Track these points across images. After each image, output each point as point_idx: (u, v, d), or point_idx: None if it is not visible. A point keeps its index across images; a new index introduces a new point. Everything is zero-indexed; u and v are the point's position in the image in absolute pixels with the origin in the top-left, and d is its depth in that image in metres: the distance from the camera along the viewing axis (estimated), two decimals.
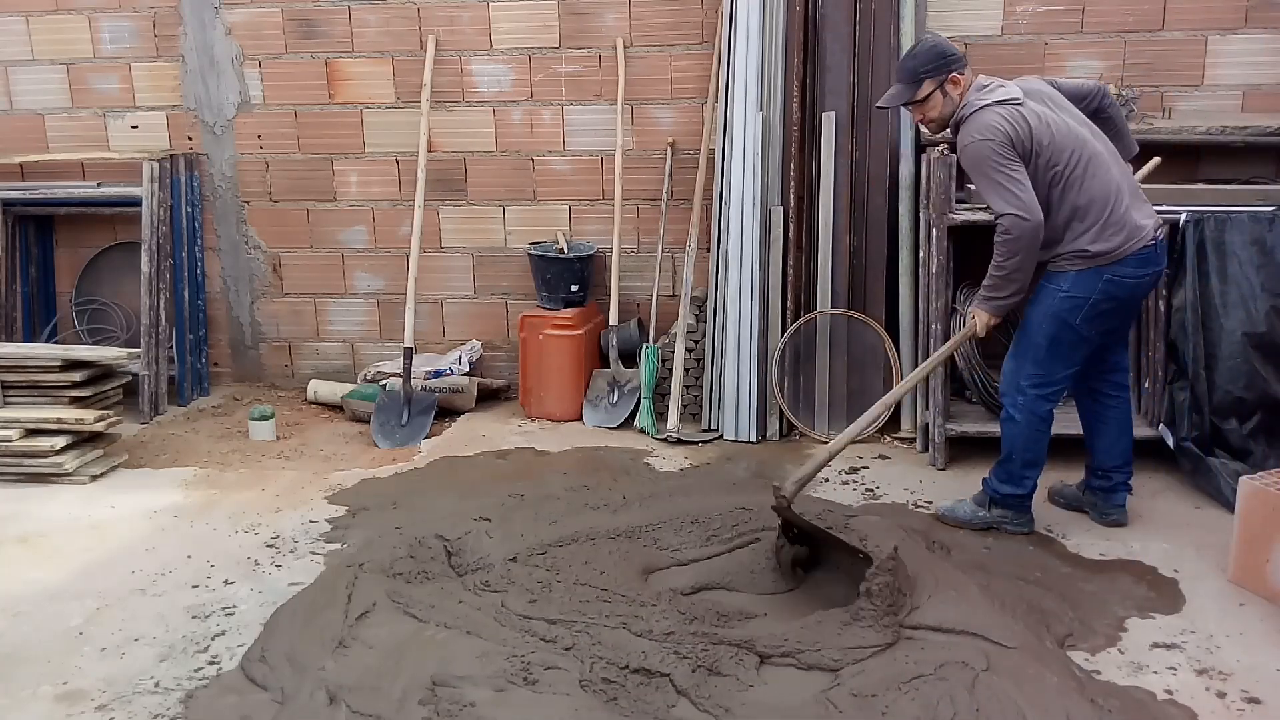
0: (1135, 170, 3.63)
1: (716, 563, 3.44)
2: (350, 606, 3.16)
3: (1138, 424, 4.22)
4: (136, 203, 5.13)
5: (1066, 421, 4.29)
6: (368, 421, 4.90)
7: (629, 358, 5.01)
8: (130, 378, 4.85)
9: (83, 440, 4.40)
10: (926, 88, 3.44)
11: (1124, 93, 4.36)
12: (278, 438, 4.83)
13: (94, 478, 4.36)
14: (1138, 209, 3.39)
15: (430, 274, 5.30)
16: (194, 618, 3.24)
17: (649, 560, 3.44)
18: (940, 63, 3.42)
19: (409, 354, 4.96)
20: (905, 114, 4.56)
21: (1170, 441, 4.06)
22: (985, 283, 3.43)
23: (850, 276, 4.67)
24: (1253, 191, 4.14)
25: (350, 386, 5.22)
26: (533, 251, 5.05)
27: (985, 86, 3.41)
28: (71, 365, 4.41)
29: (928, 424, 4.34)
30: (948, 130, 3.53)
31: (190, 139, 5.40)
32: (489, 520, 3.74)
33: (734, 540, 3.55)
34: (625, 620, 3.01)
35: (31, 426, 4.31)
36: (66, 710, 2.78)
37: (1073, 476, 4.12)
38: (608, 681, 2.73)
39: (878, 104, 3.82)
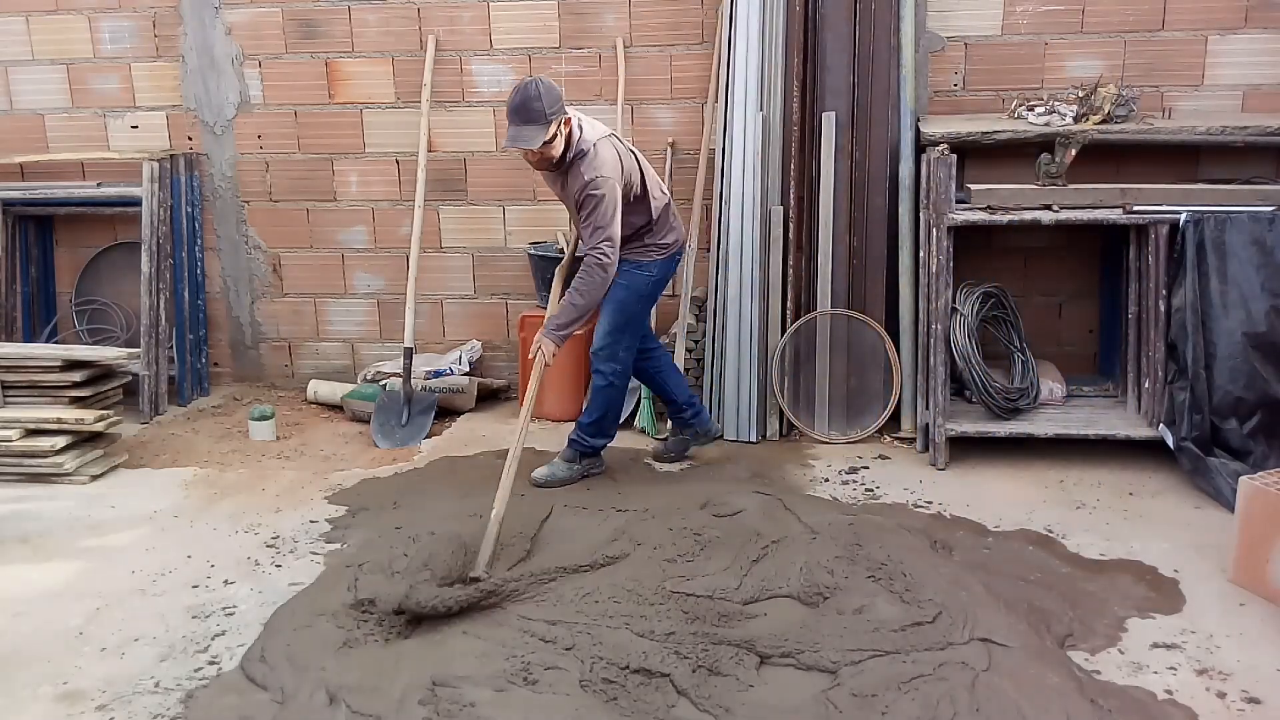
0: None
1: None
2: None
3: (1138, 424, 4.24)
4: (136, 203, 5.13)
5: (1067, 421, 4.31)
6: (368, 421, 4.90)
7: None
8: (130, 378, 4.85)
9: (83, 440, 4.40)
10: (553, 128, 3.69)
11: (1124, 93, 4.36)
12: (278, 438, 4.83)
13: (94, 478, 4.37)
14: (676, 215, 4.18)
15: (430, 274, 5.30)
16: (194, 618, 3.24)
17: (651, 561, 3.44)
18: (560, 103, 3.70)
19: (409, 354, 4.96)
20: (906, 114, 4.57)
21: (1170, 441, 4.06)
22: (560, 318, 3.85)
23: (850, 276, 4.66)
24: (1253, 191, 4.13)
25: (350, 386, 5.22)
26: (533, 251, 5.05)
27: (583, 121, 3.82)
28: (71, 365, 4.41)
29: (928, 424, 4.34)
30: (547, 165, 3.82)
31: (190, 139, 5.40)
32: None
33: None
34: (627, 620, 3.01)
35: (31, 426, 4.31)
36: (66, 710, 2.78)
37: (1073, 476, 4.13)
38: (608, 681, 2.73)
39: (504, 145, 3.78)
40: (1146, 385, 4.21)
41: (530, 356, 3.87)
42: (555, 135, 3.71)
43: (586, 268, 3.82)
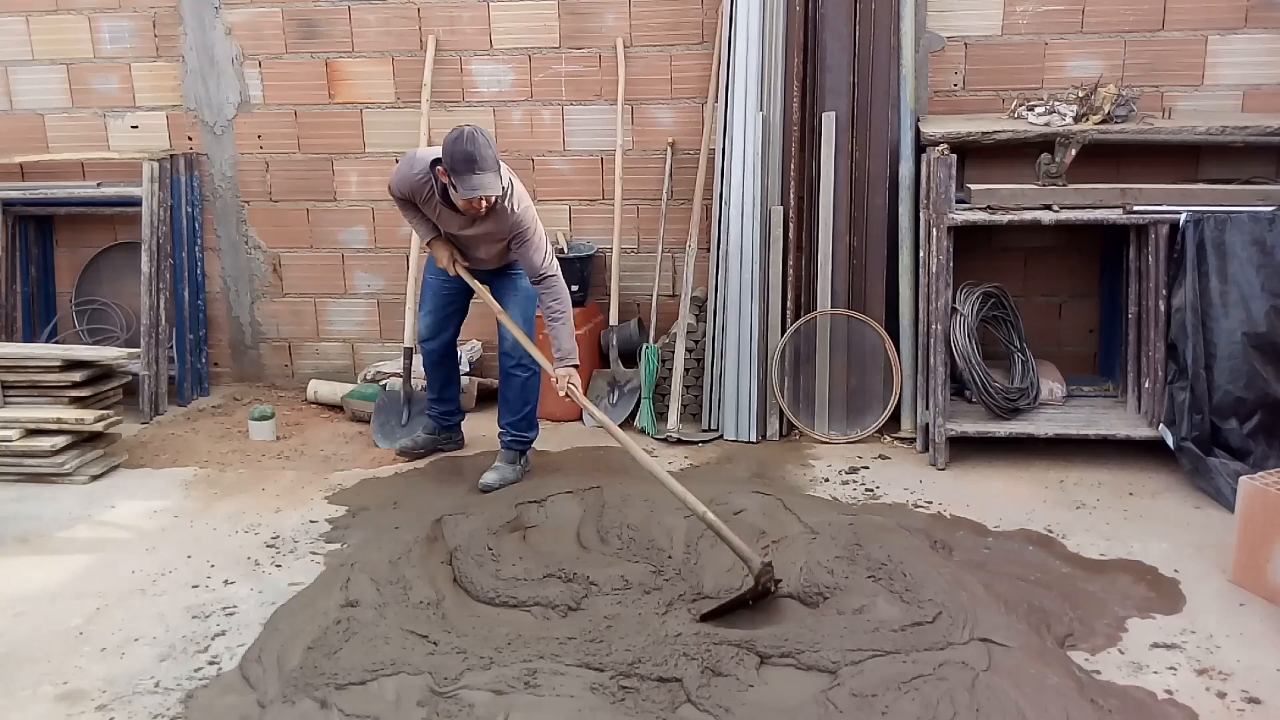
0: None
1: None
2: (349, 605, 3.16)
3: (1138, 424, 4.24)
4: (136, 203, 5.13)
5: (1067, 421, 4.31)
6: (368, 421, 4.90)
7: (629, 358, 5.01)
8: (130, 378, 4.85)
9: (83, 440, 4.40)
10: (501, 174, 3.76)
11: (1124, 93, 4.36)
12: (278, 438, 4.83)
13: (94, 478, 4.37)
14: None
15: None
16: (194, 618, 3.24)
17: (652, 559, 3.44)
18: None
19: (409, 354, 4.96)
20: (906, 114, 4.57)
21: (1170, 441, 4.06)
22: (564, 346, 3.92)
23: (850, 276, 4.66)
24: (1253, 191, 4.13)
25: (350, 386, 5.22)
26: None
27: None
28: (71, 365, 4.41)
29: (928, 424, 4.34)
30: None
31: (190, 139, 5.40)
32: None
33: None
34: (634, 621, 3.02)
35: (31, 426, 4.31)
36: (66, 710, 2.78)
37: (1073, 476, 4.13)
38: (617, 684, 2.73)
39: (465, 196, 3.67)
40: (1146, 385, 4.21)
41: (563, 395, 3.89)
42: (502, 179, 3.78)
43: (550, 289, 3.94)
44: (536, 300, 4.10)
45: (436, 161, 3.77)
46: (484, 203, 3.74)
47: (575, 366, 3.95)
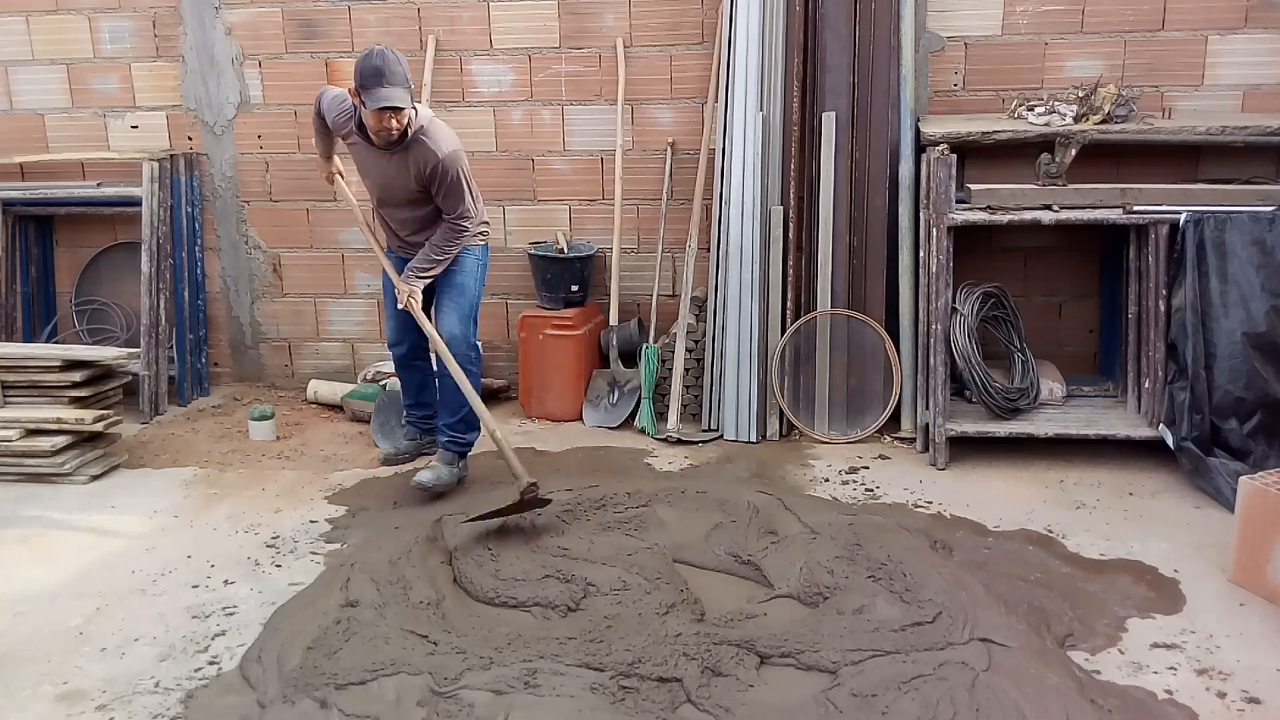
0: None
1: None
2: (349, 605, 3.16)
3: (1138, 424, 4.24)
4: (136, 203, 5.13)
5: (1067, 421, 4.31)
6: (368, 421, 4.90)
7: (629, 358, 5.01)
8: (130, 378, 4.85)
9: (82, 440, 4.40)
10: (410, 97, 3.70)
11: (1124, 93, 4.36)
12: (278, 438, 4.83)
13: (94, 478, 4.36)
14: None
15: None
16: (194, 618, 3.24)
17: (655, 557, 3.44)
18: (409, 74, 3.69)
19: None
20: (906, 114, 4.57)
21: (1170, 441, 4.06)
22: (422, 264, 3.95)
23: (850, 276, 4.66)
24: (1253, 191, 4.13)
25: (350, 386, 5.22)
26: (533, 251, 5.05)
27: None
28: (71, 365, 4.41)
29: (928, 424, 4.34)
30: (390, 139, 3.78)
31: (190, 139, 5.40)
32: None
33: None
34: (635, 621, 3.01)
35: (31, 426, 4.31)
36: (66, 710, 2.78)
37: (1073, 476, 4.13)
38: (617, 684, 2.73)
39: (370, 106, 3.62)
40: (1146, 385, 4.21)
41: (401, 306, 3.96)
42: (412, 105, 3.72)
43: (449, 229, 3.94)
44: (473, 299, 4.08)
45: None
46: (392, 119, 3.66)
47: (419, 286, 3.92)
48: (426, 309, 4.09)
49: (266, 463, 4.54)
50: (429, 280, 3.99)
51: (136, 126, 5.42)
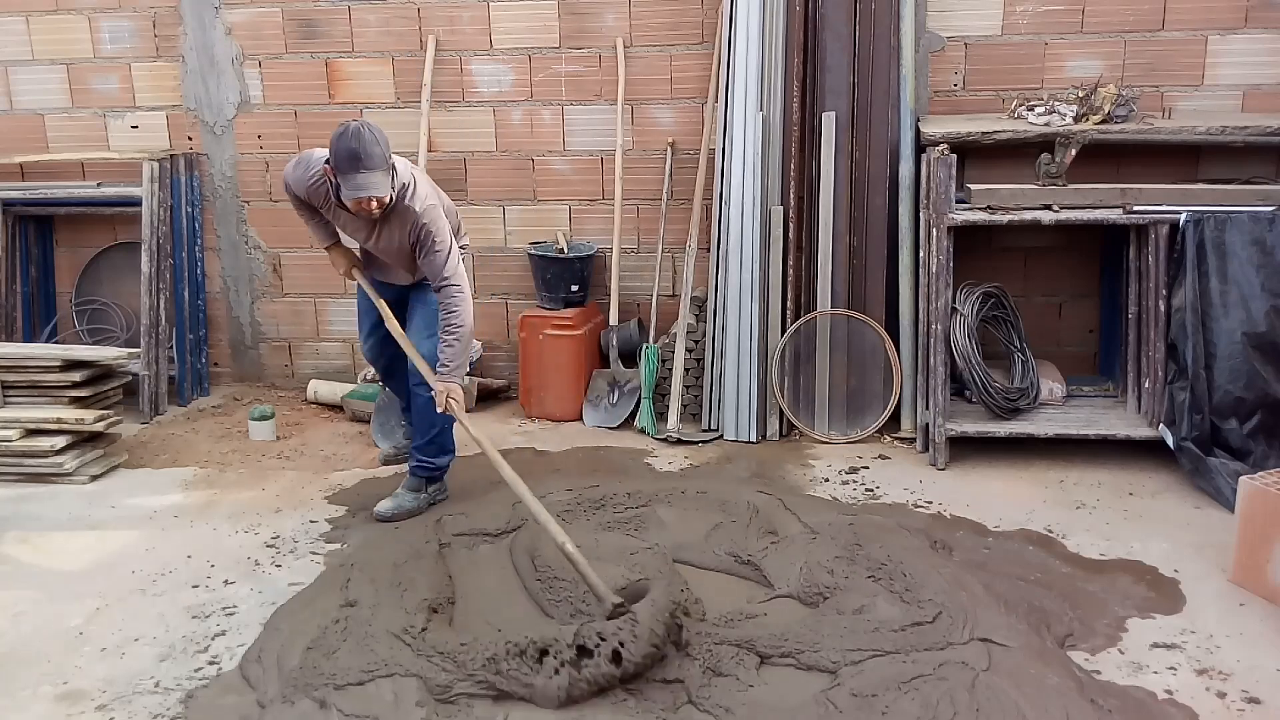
0: None
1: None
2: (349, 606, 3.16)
3: (1138, 424, 4.24)
4: (136, 203, 5.13)
5: (1067, 421, 4.31)
6: (368, 421, 4.90)
7: (629, 358, 5.01)
8: (130, 378, 4.85)
9: (83, 440, 4.40)
10: (391, 174, 3.50)
11: (1124, 93, 4.36)
12: (278, 438, 4.83)
13: (94, 478, 4.36)
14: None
15: None
16: (194, 618, 3.24)
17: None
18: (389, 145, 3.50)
19: None
20: (906, 114, 4.57)
21: (1170, 441, 4.06)
22: (448, 357, 3.60)
23: (850, 276, 4.66)
24: (1253, 191, 4.13)
25: (350, 386, 5.22)
26: (533, 251, 5.05)
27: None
28: (71, 365, 4.41)
29: (928, 424, 4.34)
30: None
31: (190, 139, 5.40)
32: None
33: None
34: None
35: (31, 426, 4.31)
36: (66, 710, 2.78)
37: (1073, 476, 4.13)
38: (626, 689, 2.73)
39: (349, 196, 3.44)
40: (1146, 385, 4.21)
41: (442, 410, 3.59)
42: (391, 178, 3.51)
43: (451, 299, 3.62)
44: None
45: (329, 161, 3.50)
46: (373, 203, 3.48)
47: (458, 383, 3.63)
48: (402, 322, 3.89)
49: (266, 463, 4.54)
50: (464, 370, 3.72)
51: (136, 126, 5.42)
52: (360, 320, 4.17)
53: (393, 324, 3.82)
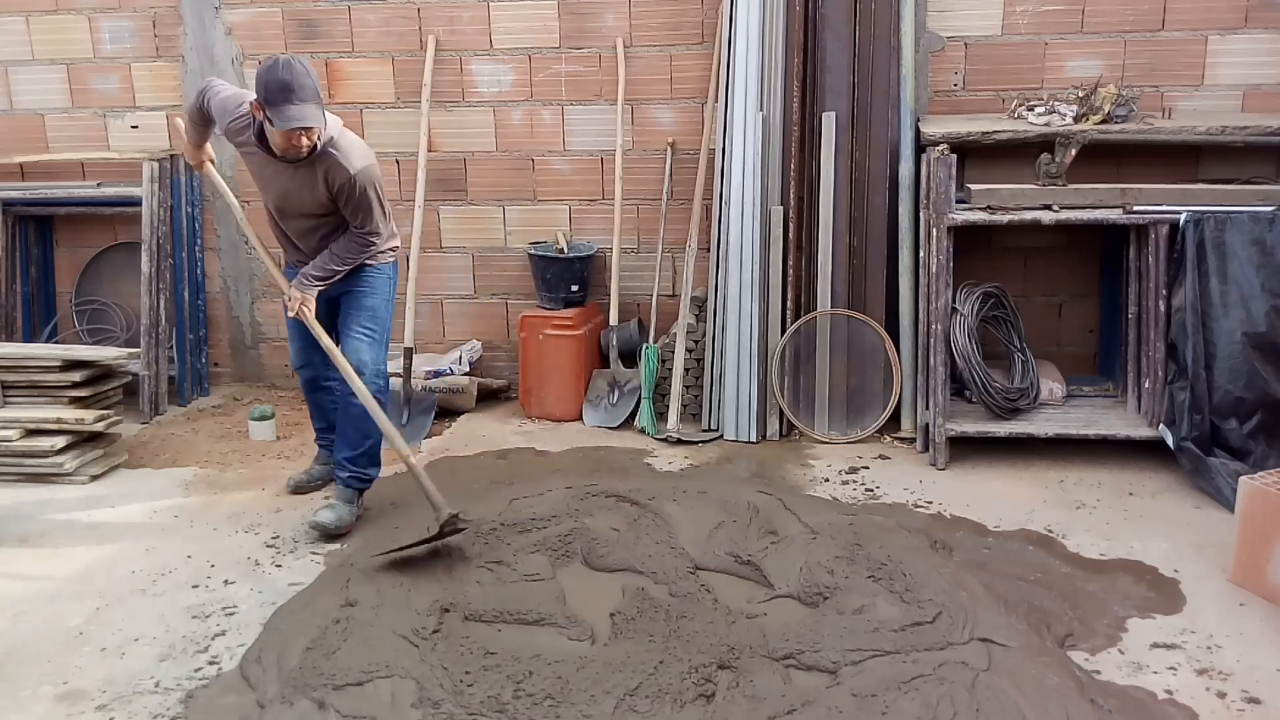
0: None
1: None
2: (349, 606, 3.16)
3: (1138, 424, 4.23)
4: (136, 203, 5.13)
5: (1067, 421, 4.31)
6: None
7: (629, 358, 5.01)
8: (130, 378, 4.85)
9: (83, 440, 4.40)
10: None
11: (1124, 93, 4.36)
12: (278, 438, 4.83)
13: (94, 478, 4.36)
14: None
15: (430, 274, 5.30)
16: (194, 618, 3.24)
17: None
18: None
19: (409, 354, 4.96)
20: (906, 114, 4.57)
21: (1170, 441, 4.06)
22: (318, 271, 3.67)
23: (850, 276, 4.66)
24: (1253, 191, 4.13)
25: None
26: (533, 251, 5.05)
27: None
28: (71, 365, 4.41)
29: (928, 424, 4.34)
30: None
31: None
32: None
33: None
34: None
35: (31, 426, 4.31)
36: (66, 710, 2.78)
37: (1073, 476, 4.13)
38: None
39: (280, 126, 3.32)
40: (1146, 385, 4.21)
41: (291, 314, 3.68)
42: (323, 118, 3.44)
43: (355, 240, 3.67)
44: (385, 324, 3.85)
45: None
46: (303, 137, 3.37)
47: (309, 294, 3.63)
48: (330, 328, 3.77)
49: (266, 463, 4.54)
50: (322, 289, 3.69)
51: (136, 126, 5.42)
52: (289, 321, 3.93)
53: (316, 329, 3.68)
